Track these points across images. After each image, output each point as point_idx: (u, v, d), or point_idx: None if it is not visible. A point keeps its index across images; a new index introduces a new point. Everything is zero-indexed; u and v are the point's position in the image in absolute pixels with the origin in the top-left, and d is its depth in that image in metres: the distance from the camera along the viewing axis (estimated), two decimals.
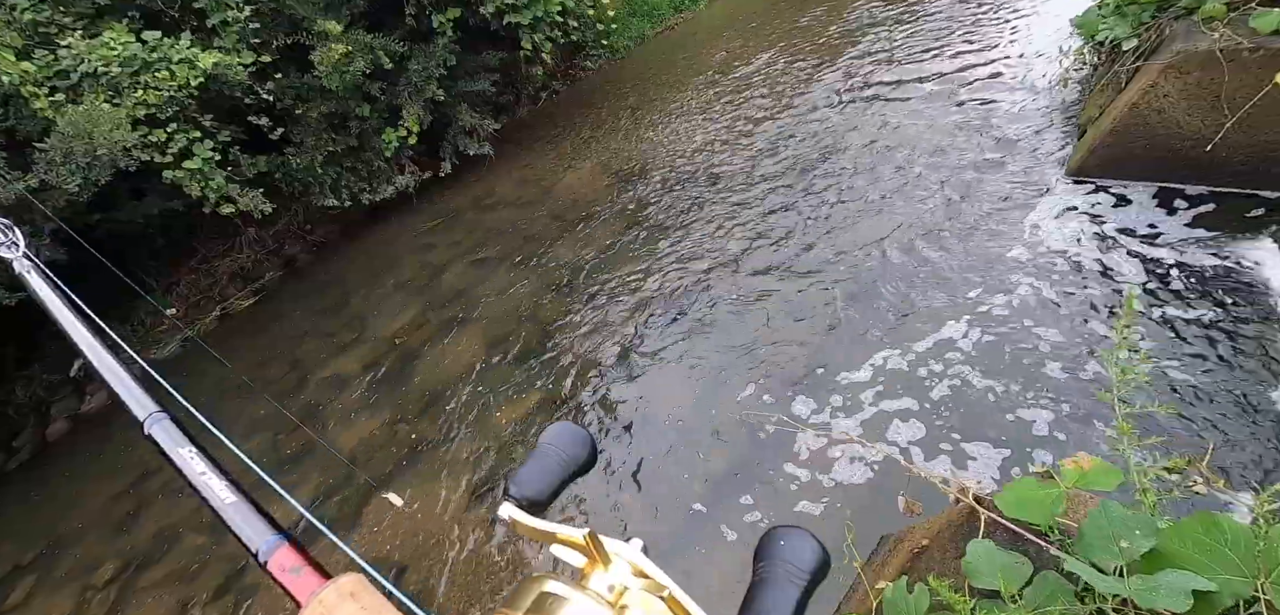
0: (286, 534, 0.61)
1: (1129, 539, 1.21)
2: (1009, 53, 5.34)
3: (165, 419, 0.76)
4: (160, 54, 4.91)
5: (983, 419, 2.74)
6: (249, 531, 0.62)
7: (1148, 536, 1.19)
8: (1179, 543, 1.17)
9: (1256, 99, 2.88)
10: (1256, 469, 2.10)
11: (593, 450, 0.78)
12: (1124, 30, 3.52)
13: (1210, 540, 1.16)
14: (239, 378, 5.60)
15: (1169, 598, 1.10)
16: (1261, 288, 2.74)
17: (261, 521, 0.63)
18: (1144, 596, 1.13)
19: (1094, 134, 3.67)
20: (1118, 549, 1.21)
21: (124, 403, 0.80)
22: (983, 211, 3.92)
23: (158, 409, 0.77)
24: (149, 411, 0.77)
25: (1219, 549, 1.15)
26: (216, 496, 0.66)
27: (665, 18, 10.62)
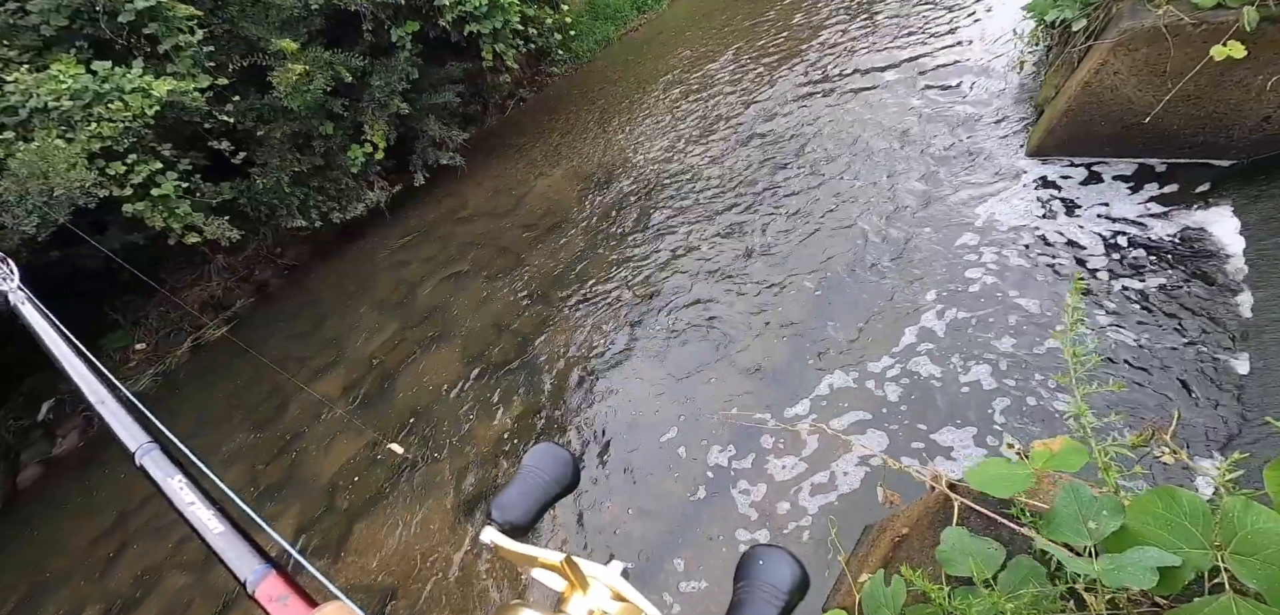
0: (274, 564, 0.63)
1: (1097, 520, 1.24)
2: (966, 39, 5.45)
3: (156, 450, 0.77)
4: (112, 84, 4.76)
5: (953, 404, 2.79)
6: (237, 561, 0.64)
7: (1115, 516, 1.22)
8: (1141, 518, 1.20)
9: (1194, 71, 2.98)
10: (1219, 436, 2.17)
11: (575, 471, 0.79)
12: (1073, 11, 3.61)
13: (1170, 514, 1.20)
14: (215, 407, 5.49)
15: (1135, 575, 1.13)
16: (1218, 254, 2.84)
17: (250, 551, 0.64)
18: (1111, 576, 1.16)
19: (1051, 113, 3.76)
20: (1087, 530, 1.24)
21: (116, 434, 0.82)
22: (947, 196, 3.99)
23: (149, 440, 0.79)
24: (140, 443, 0.79)
25: (1179, 522, 1.18)
26: (206, 526, 0.67)
27: (629, 20, 10.61)
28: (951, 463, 2.58)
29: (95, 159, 4.71)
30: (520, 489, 0.75)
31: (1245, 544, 1.12)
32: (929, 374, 2.96)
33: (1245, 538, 1.12)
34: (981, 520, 1.57)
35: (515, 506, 0.73)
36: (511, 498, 0.74)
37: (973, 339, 3.02)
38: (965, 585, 1.39)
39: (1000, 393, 2.74)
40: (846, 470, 2.76)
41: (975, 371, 2.87)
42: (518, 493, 0.74)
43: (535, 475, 0.76)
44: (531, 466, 0.77)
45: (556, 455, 0.78)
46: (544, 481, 0.76)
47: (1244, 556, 1.11)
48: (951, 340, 3.07)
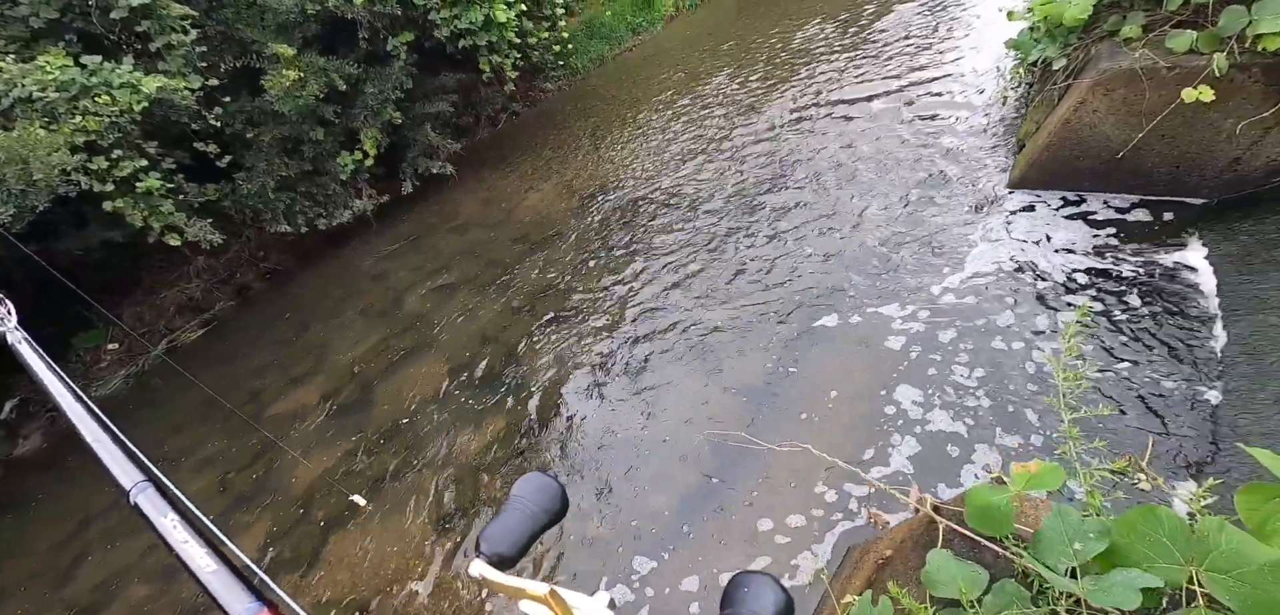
0: (266, 601, 0.63)
1: (1082, 541, 1.27)
2: (951, 72, 5.60)
3: (150, 489, 0.78)
4: (100, 78, 4.70)
5: (936, 426, 2.83)
6: (230, 599, 0.65)
7: (1101, 538, 1.25)
8: (1124, 535, 1.23)
9: (1167, 111, 3.10)
10: (1193, 463, 2.22)
11: (563, 499, 0.80)
12: (1054, 51, 3.73)
13: (1151, 531, 1.23)
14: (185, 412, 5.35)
15: (1120, 595, 1.15)
16: (1191, 289, 2.93)
17: (242, 590, 0.65)
18: (1096, 596, 1.18)
19: (1032, 148, 3.87)
20: (1072, 551, 1.26)
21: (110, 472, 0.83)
22: (931, 223, 4.07)
23: (142, 479, 0.80)
24: (134, 481, 0.80)
25: (1159, 539, 1.21)
26: (198, 565, 0.68)
27: (624, 39, 10.75)
28: (932, 482, 2.60)
29: (78, 151, 4.63)
30: (509, 520, 0.75)
31: (1219, 562, 1.15)
32: (912, 396, 2.99)
33: (1220, 556, 1.15)
34: (966, 542, 1.59)
35: (504, 539, 0.74)
36: (500, 530, 0.74)
37: (955, 362, 3.07)
38: (951, 607, 1.41)
39: (982, 414, 2.78)
40: (830, 492, 2.77)
41: (957, 393, 2.91)
42: (506, 525, 0.75)
43: (524, 506, 0.77)
44: (520, 496, 0.78)
45: (544, 485, 0.79)
46: (532, 512, 0.77)
47: (1218, 574, 1.14)
48: (934, 363, 3.11)
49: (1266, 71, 2.87)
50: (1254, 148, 3.06)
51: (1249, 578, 1.11)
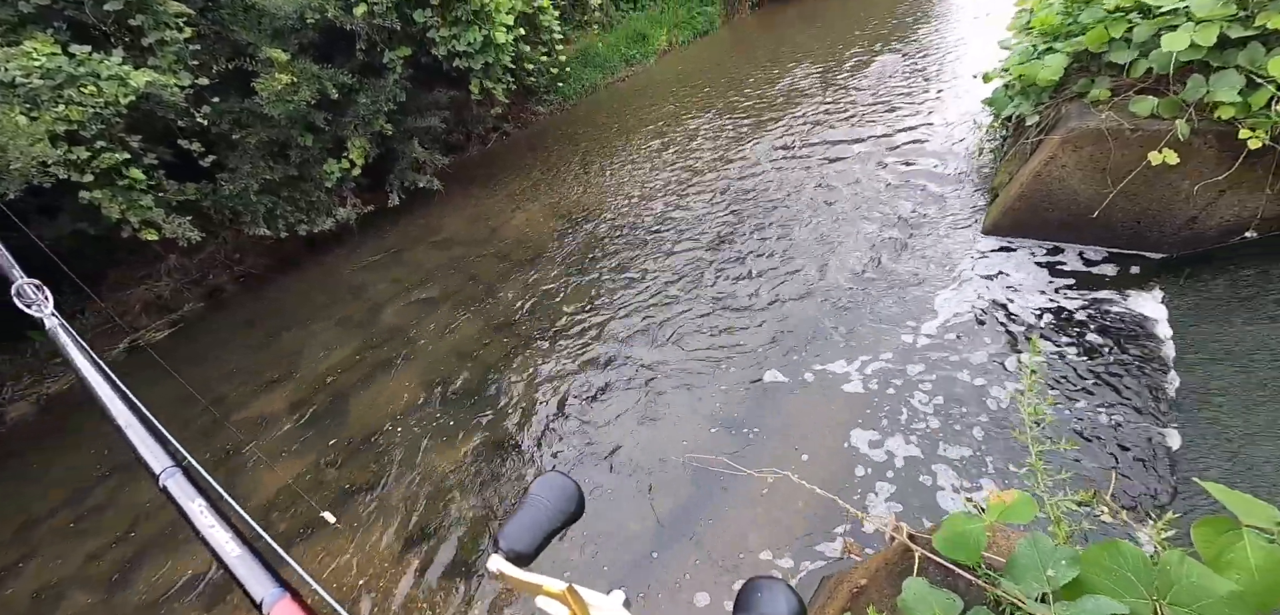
0: (289, 588, 0.66)
1: (1055, 568, 1.31)
2: (930, 122, 5.84)
3: (179, 473, 0.81)
4: (88, 69, 4.62)
5: (911, 458, 2.89)
6: (254, 584, 0.67)
7: (1072, 566, 1.29)
8: (1091, 568, 1.28)
9: (1132, 174, 3.28)
10: (1153, 500, 2.31)
11: (581, 499, 0.82)
12: (1027, 108, 3.94)
13: (1114, 565, 1.28)
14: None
15: None
16: (1150, 337, 3.07)
17: (266, 575, 0.68)
18: None
19: (1005, 198, 4.05)
20: (1046, 578, 1.30)
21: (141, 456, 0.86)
22: (909, 265, 4.21)
23: (172, 464, 0.82)
24: (164, 466, 0.82)
25: (1123, 573, 1.26)
26: (224, 549, 0.71)
27: (616, 70, 10.96)
28: (907, 512, 2.64)
29: (58, 141, 4.52)
30: (526, 518, 0.77)
31: (1182, 595, 1.20)
32: (886, 430, 3.06)
33: (1182, 590, 1.21)
34: (940, 571, 1.63)
35: (521, 536, 0.75)
36: (518, 527, 0.76)
37: (929, 398, 3.15)
38: None
39: (955, 448, 2.85)
40: (807, 520, 2.79)
41: (931, 428, 2.98)
42: (524, 522, 0.76)
43: (541, 504, 0.78)
44: (538, 495, 0.80)
45: (562, 485, 0.81)
46: (550, 511, 0.78)
47: (1181, 607, 1.19)
48: (908, 399, 3.19)
49: (1220, 138, 3.07)
50: (1209, 208, 3.26)
51: (1210, 610, 1.16)
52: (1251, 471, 2.17)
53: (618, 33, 11.41)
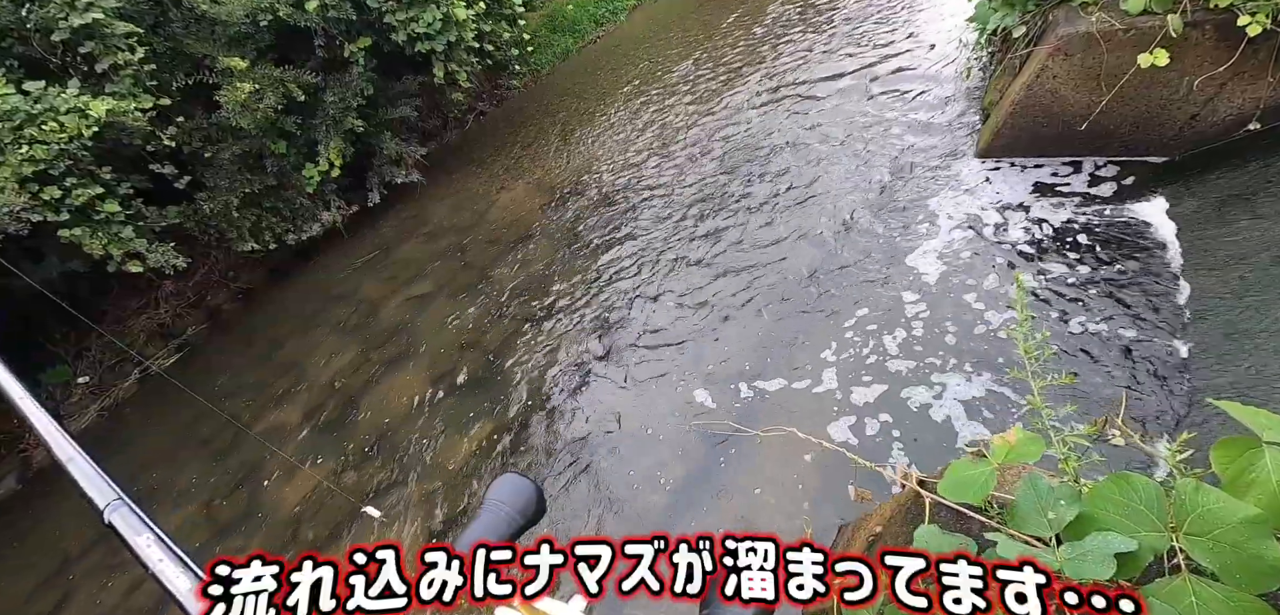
0: None
1: (1055, 510, 1.28)
2: (915, 47, 5.64)
3: (124, 507, 0.78)
4: (45, 104, 4.49)
5: (917, 400, 2.87)
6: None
7: (1073, 504, 1.26)
8: (1099, 505, 1.24)
9: (1126, 77, 3.16)
10: (1168, 418, 2.28)
11: (541, 501, 0.79)
12: (1012, 19, 3.77)
13: (1125, 498, 1.24)
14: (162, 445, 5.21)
15: (1094, 566, 1.16)
16: (1156, 246, 3.00)
17: None
18: (1072, 567, 1.19)
19: (996, 118, 3.92)
20: (1047, 520, 1.27)
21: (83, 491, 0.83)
22: (902, 198, 4.12)
23: (117, 497, 0.80)
24: (108, 499, 0.80)
25: (1135, 507, 1.23)
26: (174, 583, 0.69)
27: (587, 33, 10.63)
28: (915, 455, 2.64)
29: (28, 183, 4.43)
30: (485, 523, 0.75)
31: (1197, 525, 1.16)
32: (890, 371, 3.03)
33: (1197, 519, 1.16)
34: (951, 514, 1.61)
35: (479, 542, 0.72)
36: (476, 534, 0.73)
37: (931, 334, 3.11)
38: None
39: (959, 383, 2.83)
40: (817, 472, 2.79)
41: (934, 364, 2.95)
42: (481, 529, 0.74)
43: (499, 509, 0.76)
44: (496, 500, 0.78)
45: (521, 486, 0.79)
46: (509, 514, 0.76)
47: (1197, 537, 1.15)
48: (910, 337, 3.16)
49: (1219, 28, 2.94)
50: (1210, 104, 3.14)
51: (1226, 537, 1.12)
52: (1263, 374, 2.13)
53: None
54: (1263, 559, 1.08)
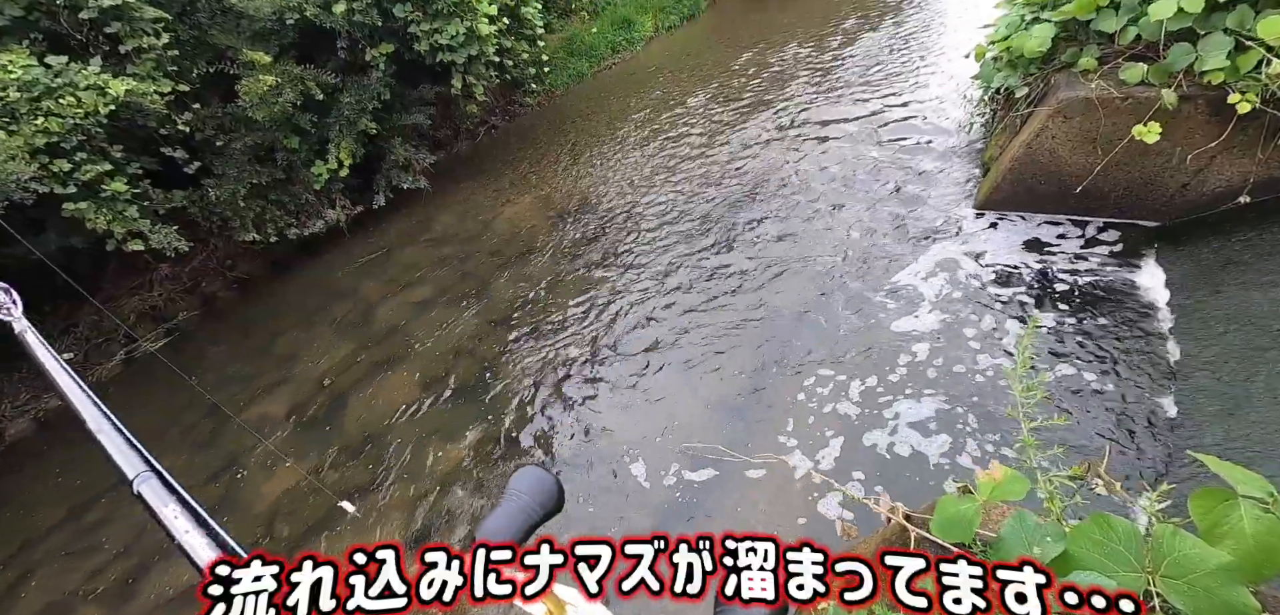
0: None
1: (1041, 545, 1.30)
2: (920, 99, 5.79)
3: (153, 478, 0.80)
4: (65, 79, 4.55)
5: (906, 437, 2.89)
6: None
7: (1058, 542, 1.29)
8: (1080, 544, 1.27)
9: (1123, 143, 3.26)
10: (1150, 471, 2.31)
11: (561, 494, 0.81)
12: (1015, 80, 3.90)
13: (1105, 539, 1.27)
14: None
15: None
16: (1146, 307, 3.06)
17: None
18: None
19: (996, 171, 4.02)
20: (1033, 555, 1.30)
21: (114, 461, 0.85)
22: (903, 242, 4.19)
23: (145, 469, 0.82)
24: (138, 471, 0.82)
25: (1114, 548, 1.26)
26: (198, 554, 0.71)
27: (604, 58, 10.85)
28: (902, 491, 2.64)
29: (38, 154, 4.46)
30: (506, 514, 0.76)
31: (1174, 569, 1.19)
32: (883, 407, 3.06)
33: (1173, 563, 1.20)
34: (937, 550, 1.62)
35: (501, 533, 0.74)
36: (497, 524, 0.74)
37: (923, 375, 3.14)
38: None
39: (951, 424, 2.85)
40: (804, 503, 2.80)
41: (926, 405, 2.98)
42: (503, 518, 0.75)
43: (520, 499, 0.77)
44: (517, 491, 0.78)
45: (542, 479, 0.80)
46: (529, 506, 0.77)
47: (1173, 580, 1.19)
48: (903, 376, 3.19)
49: (1211, 104, 3.05)
50: (1201, 175, 3.24)
51: (1201, 583, 1.15)
52: (1247, 437, 2.17)
53: (603, 20, 11.29)
54: (1234, 606, 1.12)
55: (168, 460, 3.96)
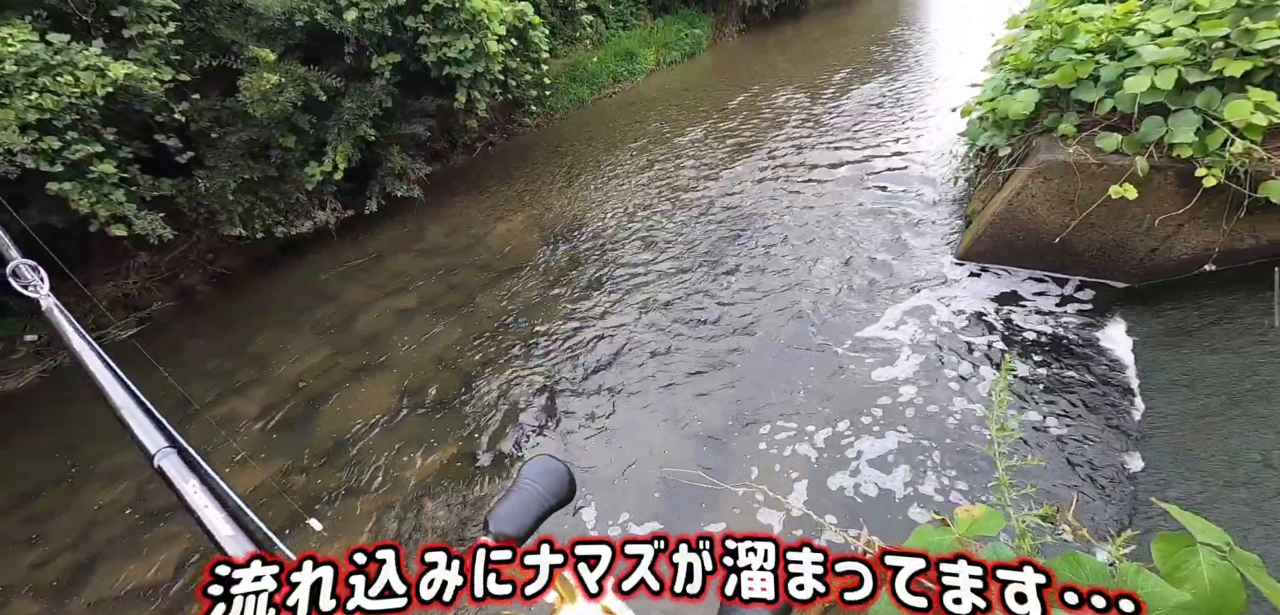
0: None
1: None
2: (909, 150, 6.00)
3: (173, 454, 0.81)
4: (65, 57, 4.53)
5: (884, 473, 2.93)
6: None
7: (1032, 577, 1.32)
8: None
9: (1095, 203, 3.42)
10: (1115, 521, 2.37)
11: (572, 484, 0.82)
12: (999, 139, 4.08)
13: (1074, 576, 1.31)
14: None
15: None
16: (1114, 363, 3.17)
17: None
18: None
19: (978, 225, 4.17)
20: None
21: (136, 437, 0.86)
22: (886, 286, 4.30)
23: (166, 445, 0.83)
24: (159, 446, 0.83)
25: (1083, 582, 1.30)
26: (217, 529, 0.71)
27: (604, 86, 11.07)
28: (879, 526, 2.67)
29: (29, 129, 4.41)
30: (516, 502, 0.77)
31: None
32: (861, 446, 3.10)
33: None
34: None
35: (511, 519, 0.75)
36: (507, 510, 0.76)
37: (902, 414, 3.20)
38: None
39: (927, 464, 2.90)
40: (781, 534, 2.80)
41: (903, 443, 3.03)
42: (513, 505, 0.76)
43: (531, 488, 0.79)
44: (528, 479, 0.80)
45: (553, 469, 0.81)
46: (540, 494, 0.78)
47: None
48: (882, 415, 3.25)
49: (1180, 176, 3.21)
50: (1169, 241, 3.39)
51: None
52: (1203, 492, 2.24)
53: (606, 49, 11.55)
54: None
55: (127, 453, 3.83)
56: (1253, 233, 3.18)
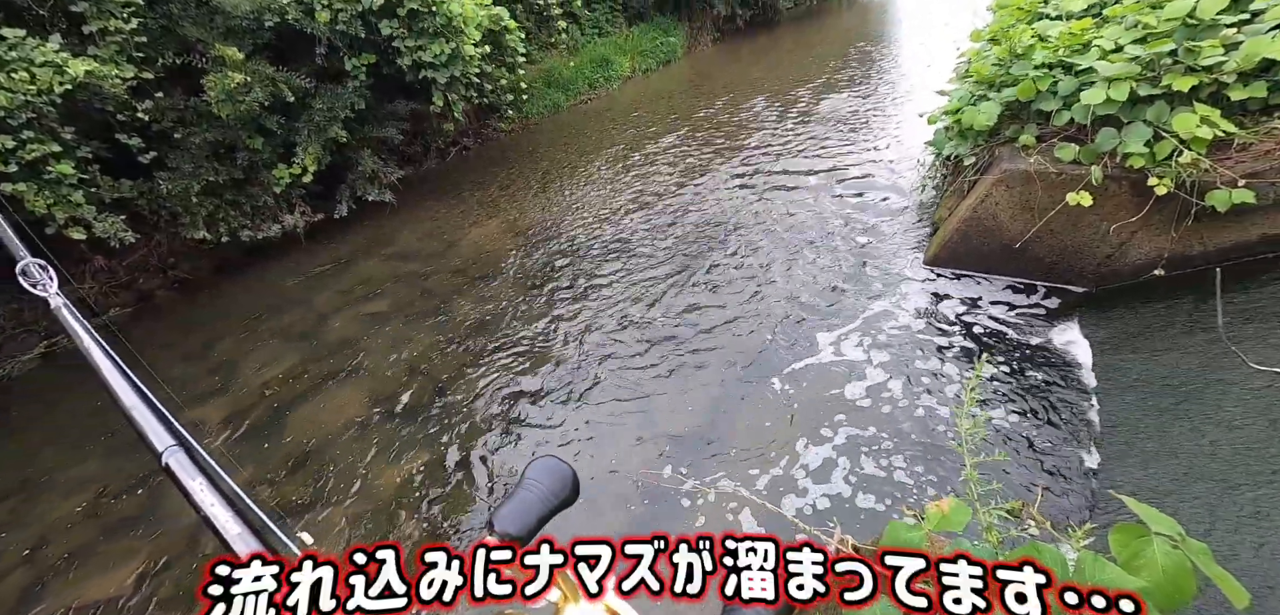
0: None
1: None
2: (879, 158, 6.15)
3: (181, 452, 0.83)
4: (20, 54, 4.35)
5: (855, 471, 3.00)
6: None
7: None
8: None
9: (1054, 210, 3.56)
10: (1075, 514, 2.47)
11: (575, 485, 0.83)
12: (964, 149, 4.21)
13: None
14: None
15: None
16: (1073, 365, 3.29)
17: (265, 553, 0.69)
18: None
19: (944, 231, 4.30)
20: None
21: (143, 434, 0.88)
22: (855, 290, 4.40)
23: (174, 443, 0.84)
24: (166, 444, 0.84)
25: None
26: (225, 526, 0.72)
27: (580, 92, 11.09)
28: (852, 523, 2.72)
29: None
30: (520, 502, 0.77)
31: None
32: (832, 444, 3.17)
33: (1097, 585, 1.29)
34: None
35: (515, 519, 0.76)
36: (512, 511, 0.76)
37: (872, 414, 3.29)
38: None
39: (895, 461, 2.98)
40: (753, 531, 2.83)
41: (873, 442, 3.11)
42: (518, 506, 0.77)
43: (535, 489, 0.79)
44: (532, 480, 0.80)
45: (556, 470, 0.82)
46: (543, 495, 0.79)
47: None
48: (852, 415, 3.32)
49: (1133, 185, 3.37)
50: (1123, 248, 3.55)
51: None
52: (1155, 487, 2.35)
53: (582, 56, 11.57)
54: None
55: (85, 465, 3.69)
56: (1200, 239, 3.35)
